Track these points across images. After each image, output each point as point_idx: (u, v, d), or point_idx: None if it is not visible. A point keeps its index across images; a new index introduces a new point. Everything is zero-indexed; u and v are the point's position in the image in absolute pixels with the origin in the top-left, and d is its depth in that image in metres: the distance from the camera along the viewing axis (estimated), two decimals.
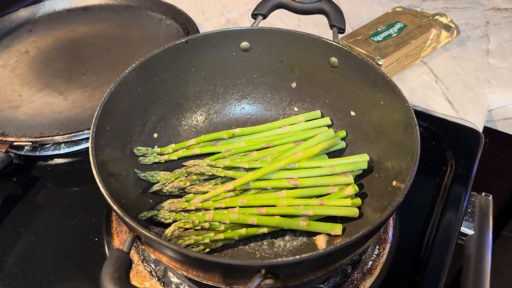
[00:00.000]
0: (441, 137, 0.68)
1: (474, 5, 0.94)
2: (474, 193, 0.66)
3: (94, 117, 0.50)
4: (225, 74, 0.66)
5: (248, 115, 0.68)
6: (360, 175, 0.58)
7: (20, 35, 0.88)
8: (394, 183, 0.50)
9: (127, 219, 0.39)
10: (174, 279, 0.52)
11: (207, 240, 0.50)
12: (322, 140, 0.59)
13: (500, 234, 0.96)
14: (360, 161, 0.56)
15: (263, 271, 0.37)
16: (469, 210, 0.65)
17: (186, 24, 0.87)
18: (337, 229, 0.51)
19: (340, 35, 0.67)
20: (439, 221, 0.59)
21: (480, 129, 0.70)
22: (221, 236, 0.50)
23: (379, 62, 0.72)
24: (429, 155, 0.65)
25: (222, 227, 0.51)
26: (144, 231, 0.38)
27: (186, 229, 0.51)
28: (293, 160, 0.56)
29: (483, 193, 0.67)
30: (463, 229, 0.64)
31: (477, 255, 0.63)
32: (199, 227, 0.51)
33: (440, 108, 0.72)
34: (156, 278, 0.52)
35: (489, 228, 0.65)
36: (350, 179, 0.55)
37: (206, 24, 0.96)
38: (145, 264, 0.53)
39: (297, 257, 0.37)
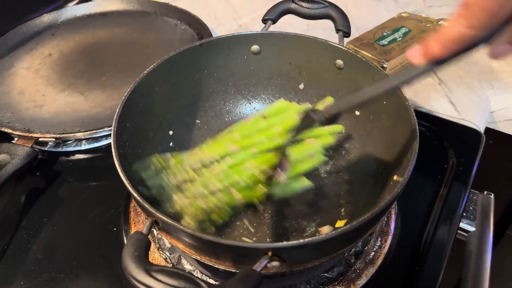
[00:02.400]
0: (443, 137, 0.70)
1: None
2: (476, 191, 0.69)
3: (116, 113, 0.53)
4: (236, 76, 0.70)
5: None
6: (365, 171, 0.61)
7: (43, 39, 0.93)
8: (395, 177, 0.53)
9: (146, 205, 0.43)
10: (188, 266, 0.56)
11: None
12: None
13: (504, 234, 0.98)
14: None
15: (270, 253, 0.40)
16: (470, 208, 0.68)
17: (200, 29, 0.91)
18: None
19: (347, 39, 0.70)
20: (439, 216, 0.61)
21: (482, 130, 0.73)
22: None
23: (384, 65, 0.75)
24: (431, 154, 0.68)
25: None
26: (161, 216, 0.42)
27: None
28: None
29: (485, 192, 0.70)
30: (465, 226, 0.67)
31: (478, 251, 0.65)
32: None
33: (443, 110, 0.75)
34: (171, 265, 0.56)
35: (489, 225, 0.67)
36: None
37: (219, 29, 0.99)
38: (160, 251, 0.57)
39: (301, 240, 0.40)
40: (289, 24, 0.86)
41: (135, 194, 0.44)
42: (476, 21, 0.34)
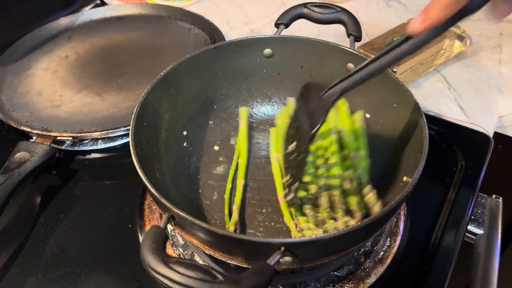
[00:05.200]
0: (451, 140, 0.71)
1: (488, 17, 0.97)
2: (485, 195, 0.69)
3: (134, 113, 0.55)
4: (249, 79, 0.72)
5: (268, 117, 0.73)
6: (374, 172, 0.62)
7: (60, 42, 0.96)
8: (404, 178, 0.54)
9: (163, 201, 0.45)
10: (200, 262, 0.57)
11: None
12: None
13: None
14: None
15: (282, 248, 0.42)
16: (479, 212, 0.69)
17: (213, 33, 0.93)
18: None
19: (357, 44, 0.71)
20: (447, 219, 0.62)
21: (491, 134, 0.74)
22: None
23: (394, 69, 0.76)
24: (440, 157, 0.69)
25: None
26: (178, 211, 0.43)
27: None
28: None
29: (494, 195, 0.70)
30: (474, 229, 0.67)
31: (486, 254, 0.66)
32: None
33: (452, 114, 0.76)
34: None
35: (498, 228, 0.68)
36: None
37: (231, 34, 1.01)
38: (174, 248, 0.59)
39: (313, 236, 0.42)
40: (300, 29, 0.88)
41: (152, 190, 0.46)
42: None
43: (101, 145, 0.74)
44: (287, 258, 0.42)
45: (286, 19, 0.72)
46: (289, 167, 0.56)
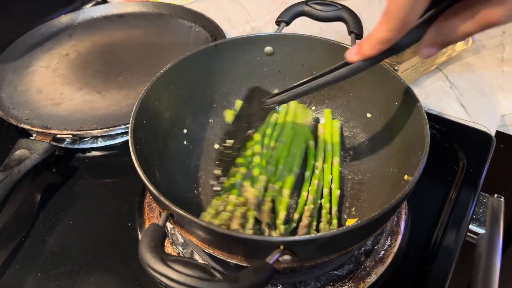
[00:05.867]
0: (453, 139, 0.71)
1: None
2: (486, 194, 0.69)
3: (133, 110, 0.55)
4: (249, 77, 0.71)
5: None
6: (375, 171, 0.62)
7: (61, 39, 0.96)
8: (405, 177, 0.54)
9: (162, 198, 0.44)
10: (200, 261, 0.57)
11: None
12: None
13: None
14: None
15: (282, 247, 0.41)
16: (481, 211, 0.68)
17: (214, 31, 0.93)
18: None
19: (358, 41, 0.71)
20: (449, 218, 0.61)
21: (493, 133, 0.73)
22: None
23: (396, 68, 0.76)
24: (442, 155, 0.69)
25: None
26: (176, 209, 0.43)
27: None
28: None
29: (495, 195, 0.70)
30: (475, 229, 0.67)
31: (487, 253, 0.65)
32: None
33: (454, 112, 0.76)
34: None
35: (499, 228, 0.68)
36: None
37: (232, 32, 1.01)
38: (173, 246, 0.58)
39: (313, 235, 0.41)
40: (301, 27, 0.87)
41: (151, 188, 0.46)
42: (392, 25, 0.40)
43: (101, 143, 0.74)
44: (287, 257, 0.42)
45: (287, 17, 0.72)
46: (222, 160, 0.59)
